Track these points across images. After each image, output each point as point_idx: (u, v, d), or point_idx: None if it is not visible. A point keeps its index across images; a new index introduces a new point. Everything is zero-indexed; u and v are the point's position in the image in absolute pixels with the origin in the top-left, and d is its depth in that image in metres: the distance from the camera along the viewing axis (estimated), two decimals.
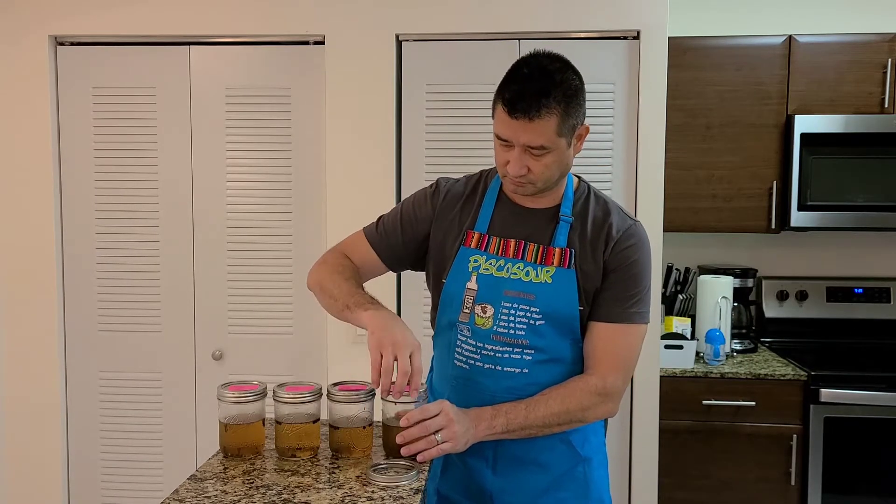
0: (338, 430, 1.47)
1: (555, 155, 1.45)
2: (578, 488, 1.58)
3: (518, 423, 1.47)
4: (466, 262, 1.56)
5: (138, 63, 2.77)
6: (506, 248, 1.55)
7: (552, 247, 1.53)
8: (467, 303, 1.54)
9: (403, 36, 2.69)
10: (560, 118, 1.42)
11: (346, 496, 1.26)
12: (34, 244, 2.80)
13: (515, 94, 1.40)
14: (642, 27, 2.61)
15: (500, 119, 1.44)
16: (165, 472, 2.83)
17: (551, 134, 1.42)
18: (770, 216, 2.99)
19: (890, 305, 3.22)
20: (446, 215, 1.62)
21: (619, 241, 1.54)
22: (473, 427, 1.44)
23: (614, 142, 2.66)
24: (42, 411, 2.82)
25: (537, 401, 1.49)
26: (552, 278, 1.52)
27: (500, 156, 1.49)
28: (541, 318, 1.52)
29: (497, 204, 1.59)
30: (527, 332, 1.52)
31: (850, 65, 2.93)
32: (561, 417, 1.49)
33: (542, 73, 1.43)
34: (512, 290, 1.53)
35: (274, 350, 2.80)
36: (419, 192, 1.68)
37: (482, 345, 1.54)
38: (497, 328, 1.53)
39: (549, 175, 1.48)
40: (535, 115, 1.40)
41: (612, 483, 2.69)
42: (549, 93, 1.40)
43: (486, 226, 1.57)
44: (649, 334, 2.65)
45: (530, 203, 1.57)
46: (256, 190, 2.77)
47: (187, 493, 1.27)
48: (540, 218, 1.57)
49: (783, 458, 2.77)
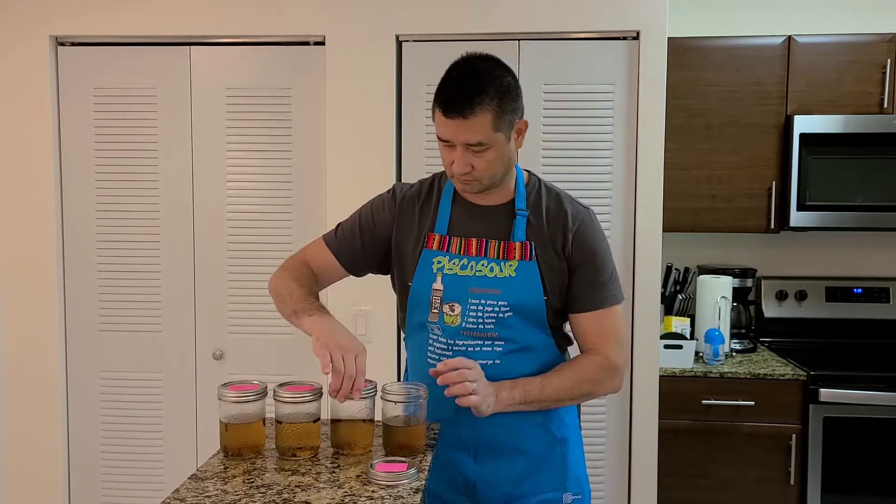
0: (340, 423, 1.48)
1: (495, 151, 1.52)
2: (557, 469, 1.65)
3: (534, 396, 1.54)
4: (430, 263, 1.62)
5: (139, 63, 2.77)
6: (467, 247, 1.61)
7: (512, 241, 1.60)
8: (435, 303, 1.61)
9: (403, 36, 2.69)
10: (494, 114, 1.49)
11: (346, 496, 1.27)
12: (35, 244, 2.80)
13: (449, 96, 1.49)
14: (642, 27, 2.61)
15: (439, 121, 1.52)
16: (166, 472, 2.84)
17: (487, 130, 1.49)
18: (769, 216, 2.99)
19: (889, 305, 3.22)
20: (405, 219, 1.67)
21: (577, 232, 1.62)
22: (494, 395, 1.50)
23: (614, 142, 2.66)
24: (42, 411, 2.83)
25: (551, 375, 1.58)
26: (516, 272, 1.59)
27: (445, 157, 1.56)
28: (508, 311, 1.59)
29: (453, 205, 1.65)
30: (496, 324, 1.59)
31: (849, 65, 2.94)
32: (573, 391, 1.58)
33: (472, 74, 1.50)
34: (478, 287, 1.59)
35: (274, 350, 2.80)
36: (376, 197, 1.74)
37: (453, 341, 1.60)
38: (466, 324, 1.59)
39: (492, 171, 1.55)
40: (469, 114, 1.47)
41: (612, 483, 2.72)
42: (481, 91, 1.47)
43: (445, 227, 1.64)
44: (649, 334, 2.67)
45: (485, 201, 1.63)
46: (256, 190, 2.77)
47: (188, 493, 1.28)
48: (496, 214, 1.63)
49: (783, 458, 2.77)
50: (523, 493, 1.62)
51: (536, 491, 1.63)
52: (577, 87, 2.66)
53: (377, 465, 1.35)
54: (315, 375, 2.72)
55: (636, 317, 2.68)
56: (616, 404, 2.72)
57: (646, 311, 2.67)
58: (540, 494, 1.63)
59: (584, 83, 2.66)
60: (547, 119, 2.67)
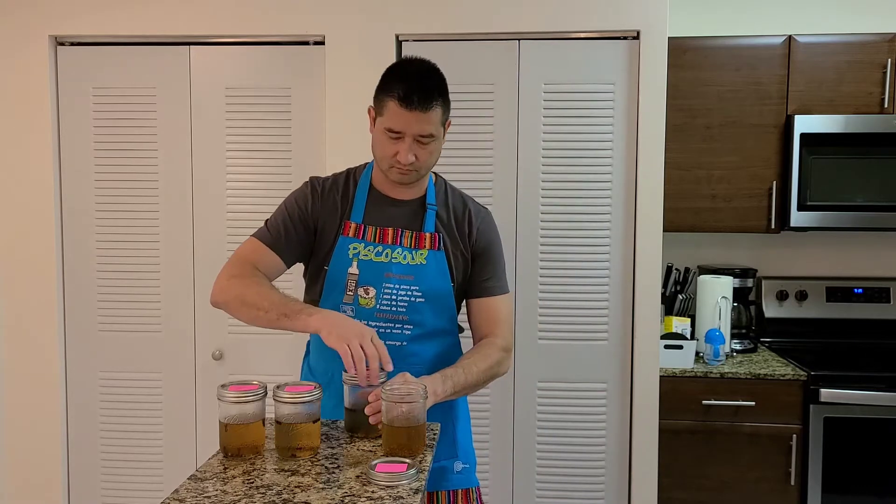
0: (354, 412, 1.55)
1: (437, 143, 1.71)
2: (449, 441, 1.83)
3: (461, 384, 1.68)
4: (346, 249, 1.75)
5: (138, 63, 2.77)
6: (383, 235, 1.76)
7: (423, 232, 1.77)
8: (350, 286, 1.74)
9: (403, 36, 2.69)
10: (443, 110, 1.69)
11: (346, 496, 1.26)
12: (34, 244, 2.80)
13: (411, 90, 1.62)
14: (642, 27, 2.61)
15: (393, 113, 1.65)
16: (165, 472, 2.83)
17: (437, 123, 1.68)
18: (770, 216, 2.99)
19: (889, 305, 3.22)
20: (327, 208, 1.79)
21: (480, 228, 1.83)
22: (433, 393, 1.60)
23: (614, 142, 2.66)
24: (42, 411, 2.82)
25: (467, 363, 1.72)
26: (426, 260, 1.76)
27: (388, 148, 1.69)
28: (420, 297, 1.75)
29: (368, 196, 1.80)
30: (407, 308, 1.74)
31: (849, 65, 2.94)
32: (486, 374, 1.74)
33: (428, 71, 1.69)
34: (393, 273, 1.74)
35: (274, 350, 2.80)
36: (297, 191, 1.84)
37: (366, 322, 1.68)
38: (380, 306, 1.74)
39: (431, 162, 1.73)
40: (429, 107, 1.64)
41: (611, 483, 2.72)
42: (437, 88, 1.67)
43: (360, 216, 1.77)
44: (650, 334, 2.68)
45: (399, 195, 1.79)
46: (256, 190, 2.77)
47: (187, 493, 1.27)
48: (410, 207, 1.80)
49: (783, 458, 2.77)
50: None
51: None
52: (577, 87, 2.66)
53: (377, 465, 1.35)
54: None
55: (636, 317, 2.68)
56: (616, 404, 2.72)
57: (646, 311, 2.67)
58: (434, 463, 1.73)
59: (584, 83, 2.66)
60: (547, 119, 2.67)
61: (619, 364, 2.72)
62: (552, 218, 2.69)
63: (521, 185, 2.69)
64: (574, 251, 2.70)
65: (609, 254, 2.69)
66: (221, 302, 1.71)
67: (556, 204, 2.69)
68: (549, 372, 2.72)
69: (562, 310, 2.70)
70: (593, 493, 2.74)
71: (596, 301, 2.71)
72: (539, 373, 2.73)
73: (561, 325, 2.71)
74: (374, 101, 1.72)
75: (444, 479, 1.82)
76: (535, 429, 2.74)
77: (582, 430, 2.73)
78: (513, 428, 2.75)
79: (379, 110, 1.69)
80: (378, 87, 1.70)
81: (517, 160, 2.68)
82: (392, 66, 1.74)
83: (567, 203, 2.69)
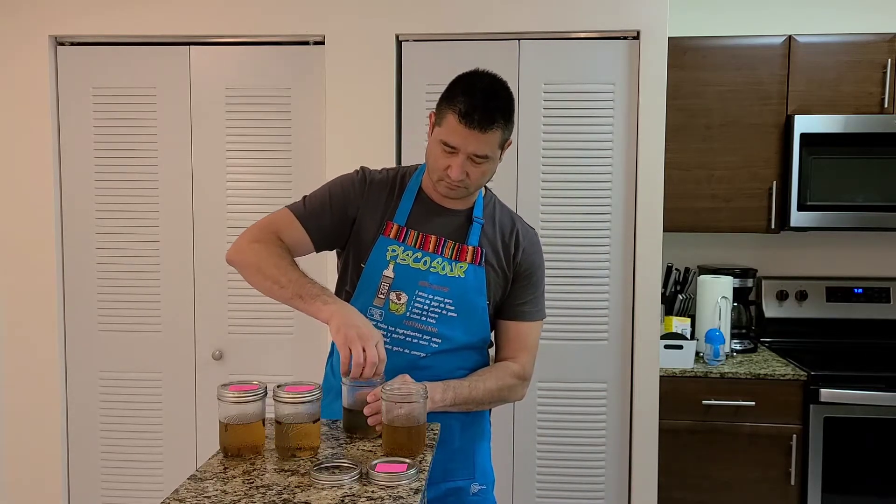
0: (352, 412, 1.54)
1: (491, 164, 1.63)
2: (468, 462, 1.76)
3: (463, 398, 1.64)
4: (385, 250, 1.68)
5: (138, 63, 2.77)
6: (425, 242, 1.69)
7: (466, 245, 1.70)
8: (383, 289, 1.68)
9: (403, 36, 2.69)
10: (503, 132, 1.60)
11: (345, 496, 1.26)
12: (34, 244, 2.80)
13: (472, 108, 1.55)
14: (642, 27, 2.61)
15: (451, 127, 1.57)
16: (165, 472, 2.83)
17: (495, 145, 1.60)
18: (770, 216, 2.99)
19: (890, 305, 3.22)
20: (371, 202, 1.72)
21: (526, 249, 1.75)
22: (430, 400, 1.56)
23: (614, 142, 2.66)
24: (42, 411, 2.82)
25: (475, 380, 1.68)
26: (465, 273, 1.69)
27: (441, 160, 1.61)
28: (453, 310, 1.68)
29: (416, 200, 1.72)
30: (437, 321, 1.68)
31: (849, 65, 2.94)
32: (493, 395, 1.70)
33: (496, 90, 1.60)
34: (429, 282, 1.67)
35: (274, 350, 2.80)
36: (345, 175, 1.77)
37: (394, 328, 1.67)
38: (410, 314, 1.67)
39: (482, 181, 1.66)
40: (488, 129, 1.56)
41: (612, 483, 2.72)
42: (501, 109, 1.58)
43: (404, 219, 1.70)
44: (650, 334, 2.68)
45: (448, 203, 1.72)
46: (256, 190, 2.77)
47: (187, 493, 1.27)
48: (456, 218, 1.72)
49: (783, 458, 2.77)
50: (433, 479, 1.70)
51: (446, 478, 1.73)
52: (577, 87, 2.66)
53: (377, 465, 1.35)
54: (314, 375, 2.72)
55: (636, 317, 2.68)
56: (616, 404, 2.72)
57: (646, 312, 2.67)
58: (450, 482, 1.73)
59: (584, 83, 2.66)
60: (547, 119, 2.67)
61: (619, 364, 2.72)
62: (552, 218, 2.69)
63: (521, 185, 2.69)
64: (574, 251, 2.70)
65: (609, 254, 2.69)
66: (237, 262, 1.68)
67: (556, 204, 2.69)
68: (549, 372, 2.72)
69: (562, 310, 2.70)
70: (593, 493, 2.74)
71: (596, 301, 2.71)
72: (539, 373, 2.73)
73: (561, 325, 2.71)
74: (436, 108, 1.64)
75: (459, 500, 1.76)
76: (535, 429, 2.74)
77: (582, 431, 2.73)
78: (513, 428, 2.75)
79: (438, 120, 1.62)
80: (442, 96, 1.62)
81: (517, 160, 2.68)
82: (461, 77, 1.64)
83: (567, 203, 2.69)
